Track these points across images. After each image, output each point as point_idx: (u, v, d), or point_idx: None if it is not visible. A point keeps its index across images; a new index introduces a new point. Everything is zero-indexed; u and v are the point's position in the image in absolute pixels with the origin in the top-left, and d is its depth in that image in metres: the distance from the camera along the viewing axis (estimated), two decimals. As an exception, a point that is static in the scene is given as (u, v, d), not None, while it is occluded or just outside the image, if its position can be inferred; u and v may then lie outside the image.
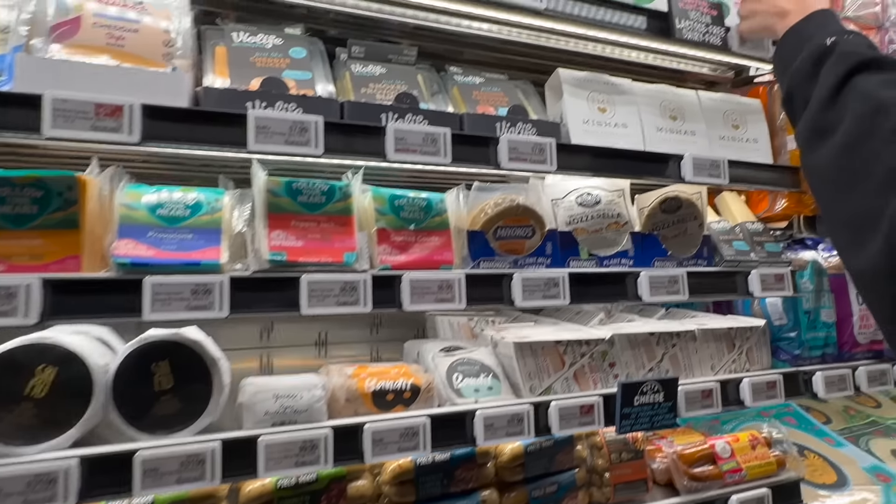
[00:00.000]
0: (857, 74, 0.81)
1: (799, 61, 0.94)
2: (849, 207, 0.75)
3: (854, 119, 0.77)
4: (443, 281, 1.10)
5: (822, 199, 0.83)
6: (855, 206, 0.73)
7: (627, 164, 1.31)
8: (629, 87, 1.44)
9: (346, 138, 1.04)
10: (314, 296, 1.00)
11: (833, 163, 0.79)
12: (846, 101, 0.81)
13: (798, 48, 1.00)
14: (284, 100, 1.04)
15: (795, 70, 0.94)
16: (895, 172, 0.69)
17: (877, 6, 1.75)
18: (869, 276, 0.69)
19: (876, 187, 0.70)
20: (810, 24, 1.03)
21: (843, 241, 0.77)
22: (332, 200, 1.10)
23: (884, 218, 0.67)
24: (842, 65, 0.84)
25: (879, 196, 0.69)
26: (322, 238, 1.06)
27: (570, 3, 1.27)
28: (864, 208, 0.71)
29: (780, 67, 1.05)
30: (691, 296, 1.36)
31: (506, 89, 1.37)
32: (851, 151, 0.75)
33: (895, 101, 0.74)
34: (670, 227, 1.45)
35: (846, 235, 0.76)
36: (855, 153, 0.75)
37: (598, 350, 1.34)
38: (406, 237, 1.15)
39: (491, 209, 1.22)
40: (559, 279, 1.21)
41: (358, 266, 1.07)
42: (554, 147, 1.20)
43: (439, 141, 1.10)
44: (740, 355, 1.55)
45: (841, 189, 0.76)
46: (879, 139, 0.72)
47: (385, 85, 1.23)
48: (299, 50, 1.16)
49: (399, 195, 1.17)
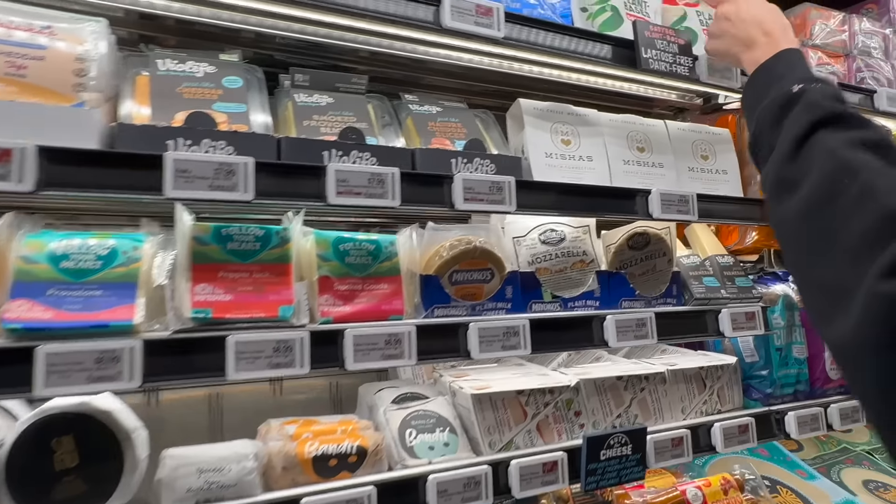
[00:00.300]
0: (821, 129, 0.77)
1: (767, 104, 0.89)
2: (820, 272, 0.70)
3: (820, 177, 0.73)
4: (391, 335, 1.00)
5: (791, 255, 0.78)
6: (827, 271, 0.69)
7: (592, 201, 1.23)
8: (595, 118, 1.37)
9: (281, 180, 0.94)
10: (243, 358, 0.89)
11: (801, 221, 0.74)
12: (810, 155, 0.76)
13: (766, 87, 0.95)
14: (212, 137, 0.93)
15: (762, 113, 0.90)
16: (867, 239, 0.63)
17: (844, 34, 1.72)
18: (849, 348, 0.62)
19: (848, 254, 0.65)
20: (780, 64, 0.99)
21: (817, 306, 0.71)
22: (267, 247, 0.99)
23: (859, 289, 0.61)
24: (806, 116, 0.80)
25: (854, 264, 0.64)
26: (255, 290, 0.96)
27: (532, 31, 1.20)
28: (837, 276, 0.66)
29: (749, 105, 1.00)
30: (660, 339, 1.29)
31: (464, 119, 1.28)
32: (819, 212, 0.71)
33: (861, 163, 0.70)
34: (638, 265, 1.38)
35: (820, 300, 0.70)
36: (823, 214, 0.71)
37: (562, 398, 1.26)
38: (352, 285, 1.05)
39: (446, 252, 1.12)
40: (519, 327, 1.12)
41: (295, 320, 0.97)
42: (513, 185, 1.11)
43: (387, 181, 1.00)
44: (711, 396, 1.49)
45: (812, 250, 0.72)
46: (848, 202, 0.68)
47: (331, 116, 1.13)
48: (234, 79, 1.06)
49: (345, 238, 1.07)
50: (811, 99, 0.82)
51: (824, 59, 1.70)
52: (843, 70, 1.73)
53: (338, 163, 1.00)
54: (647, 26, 1.29)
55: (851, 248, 0.65)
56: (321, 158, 1.01)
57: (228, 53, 1.12)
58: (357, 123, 1.14)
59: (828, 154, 0.74)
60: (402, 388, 1.34)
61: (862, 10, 1.91)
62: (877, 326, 0.57)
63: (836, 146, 0.73)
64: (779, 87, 0.89)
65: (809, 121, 0.78)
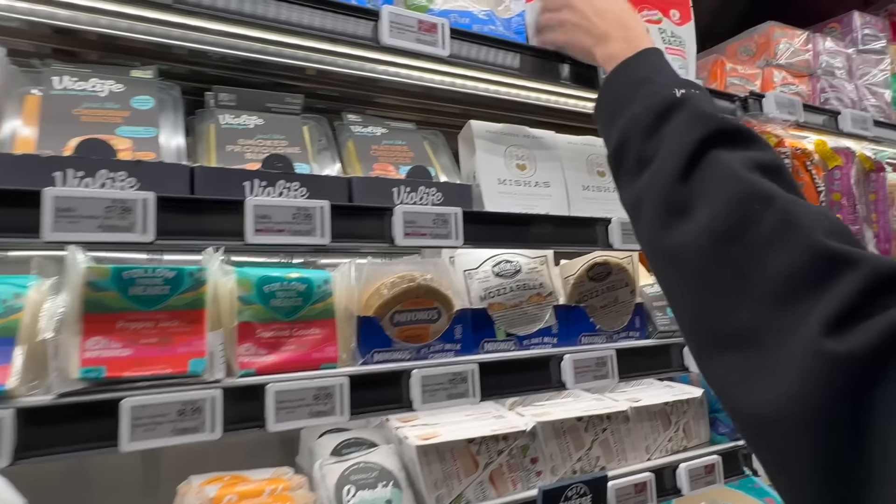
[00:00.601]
0: (715, 145, 0.65)
1: (637, 110, 0.75)
2: (730, 320, 0.55)
3: (724, 204, 0.59)
4: (320, 388, 0.89)
5: (686, 295, 0.62)
6: (739, 319, 0.54)
7: (547, 232, 1.14)
8: (552, 141, 1.29)
9: (189, 217, 0.83)
10: (140, 425, 0.77)
11: (702, 255, 0.60)
12: (706, 176, 0.63)
13: (631, 89, 0.81)
14: (110, 167, 0.81)
15: (631, 120, 0.75)
16: (795, 282, 0.51)
17: (808, 53, 1.68)
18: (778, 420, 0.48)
19: (770, 300, 0.52)
20: (643, 64, 0.86)
21: (724, 365, 0.56)
22: (178, 291, 0.87)
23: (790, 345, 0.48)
24: (696, 129, 0.67)
25: (778, 313, 0.51)
26: (161, 342, 0.84)
27: (482, 49, 1.10)
28: (754, 326, 0.53)
29: (608, 109, 0.85)
30: (622, 377, 1.20)
31: (411, 142, 1.18)
32: (726, 246, 0.58)
33: (771, 189, 0.58)
34: (599, 296, 1.30)
35: (729, 358, 0.55)
36: (731, 249, 0.57)
37: (517, 445, 1.16)
38: (278, 331, 0.94)
39: (387, 290, 1.02)
40: (467, 373, 1.02)
41: (208, 375, 0.85)
42: (460, 217, 1.02)
43: (315, 216, 0.90)
44: (676, 432, 1.41)
45: (719, 292, 0.57)
46: (763, 236, 0.55)
47: (260, 140, 1.02)
48: (144, 99, 0.94)
49: (271, 277, 0.96)
50: (697, 109, 0.69)
51: (788, 78, 1.65)
52: (807, 90, 1.69)
53: (258, 196, 0.89)
54: (605, 45, 1.21)
55: (773, 293, 0.52)
56: (242, 190, 0.90)
57: (142, 69, 1.00)
58: (288, 148, 1.03)
59: (731, 177, 0.61)
60: (345, 434, 1.23)
61: (825, 28, 1.88)
62: (822, 394, 0.45)
63: (738, 167, 0.61)
64: (651, 92, 0.76)
65: (702, 134, 0.65)
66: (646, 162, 0.71)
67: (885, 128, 1.76)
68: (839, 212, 1.64)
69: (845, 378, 0.44)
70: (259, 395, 0.86)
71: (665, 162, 0.67)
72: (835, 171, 1.65)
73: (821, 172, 1.62)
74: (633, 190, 0.73)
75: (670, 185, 0.65)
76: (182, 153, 0.93)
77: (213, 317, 0.91)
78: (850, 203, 1.65)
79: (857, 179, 1.69)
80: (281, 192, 0.93)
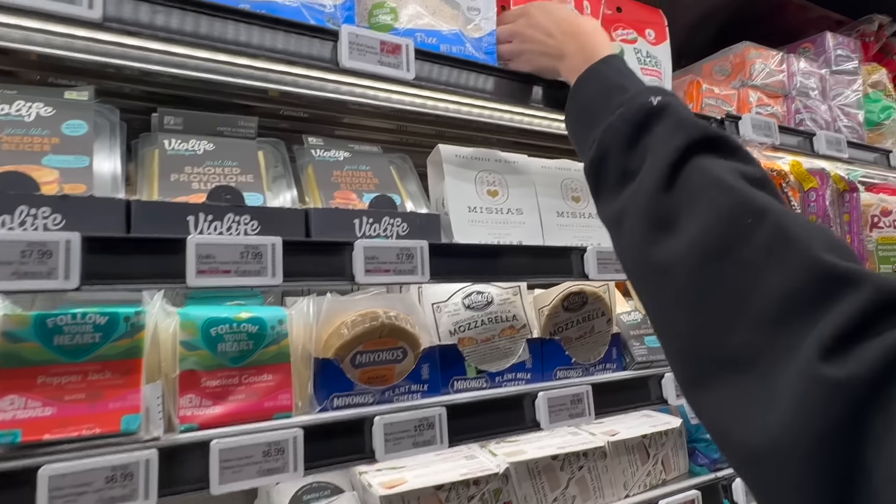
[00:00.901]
0: (699, 153, 0.60)
1: (614, 120, 0.70)
2: (723, 342, 0.50)
3: (713, 215, 0.54)
4: (270, 444, 0.81)
5: (672, 313, 0.57)
6: (733, 341, 0.49)
7: (520, 263, 1.08)
8: (525, 165, 1.24)
9: (122, 259, 0.74)
10: (60, 496, 0.68)
11: (692, 271, 0.54)
12: (691, 185, 0.58)
13: (601, 98, 0.77)
14: (31, 203, 0.72)
15: (609, 131, 0.70)
16: (792, 301, 0.46)
17: (782, 74, 1.67)
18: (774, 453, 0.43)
19: (765, 320, 0.47)
20: (607, 71, 0.82)
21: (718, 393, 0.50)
22: (111, 338, 0.79)
23: (787, 370, 0.44)
24: (679, 136, 0.62)
25: (774, 334, 0.46)
26: (89, 398, 0.75)
27: (450, 71, 1.05)
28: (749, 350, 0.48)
29: (581, 118, 0.80)
30: (599, 413, 1.15)
31: (376, 167, 1.12)
32: (717, 261, 0.52)
33: (763, 201, 0.53)
34: (575, 327, 1.25)
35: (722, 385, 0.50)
36: (723, 264, 0.52)
37: (489, 489, 1.10)
38: (225, 379, 0.86)
39: (347, 330, 0.95)
40: (434, 418, 0.95)
41: (143, 433, 0.77)
42: (426, 251, 0.95)
43: (265, 255, 0.82)
44: (655, 465, 1.36)
45: (711, 313, 0.52)
46: (756, 251, 0.50)
47: (209, 168, 0.94)
48: (77, 124, 0.86)
49: (219, 319, 0.88)
50: (678, 116, 0.64)
51: (764, 99, 1.63)
52: (782, 111, 1.67)
53: (204, 233, 0.81)
54: (579, 67, 1.16)
55: (769, 314, 0.47)
56: (186, 226, 0.82)
57: (77, 91, 0.91)
58: (241, 176, 0.96)
59: (718, 186, 0.56)
60: (305, 480, 1.14)
61: (799, 49, 1.87)
62: (819, 423, 0.41)
63: (726, 176, 0.56)
64: (624, 100, 0.71)
65: (685, 142, 0.61)
66: (628, 175, 0.66)
67: (859, 149, 1.76)
68: (815, 234, 1.62)
69: (843, 405, 0.40)
70: (202, 454, 0.78)
71: (650, 172, 0.62)
72: (810, 193, 1.63)
73: (797, 194, 1.60)
74: (615, 204, 0.68)
75: (655, 197, 0.59)
76: (119, 184, 0.85)
77: (152, 365, 0.82)
78: (826, 225, 1.64)
79: (832, 200, 1.67)
80: (230, 226, 0.85)
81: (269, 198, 0.96)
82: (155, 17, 0.80)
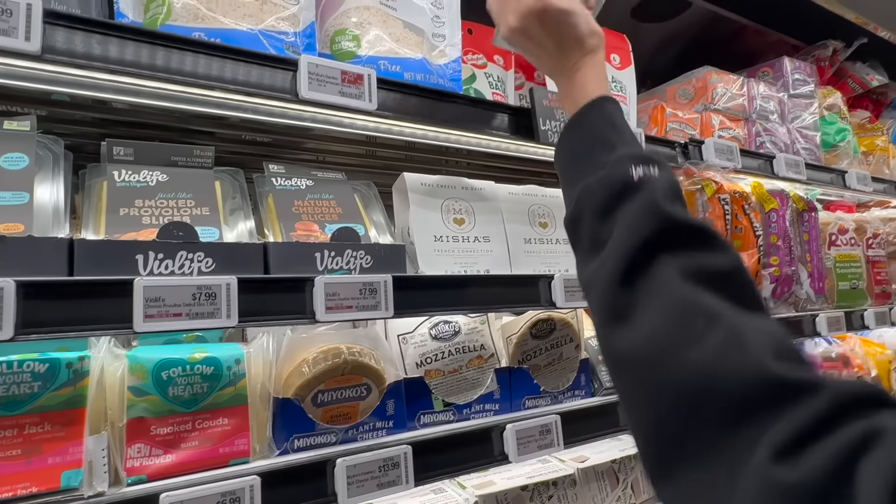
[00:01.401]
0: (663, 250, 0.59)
1: (593, 183, 0.69)
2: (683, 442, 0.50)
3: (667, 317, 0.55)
4: (224, 494, 0.77)
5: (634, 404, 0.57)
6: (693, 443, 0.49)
7: (487, 293, 1.07)
8: (492, 192, 1.23)
9: (62, 305, 0.70)
10: (-10, 565, 0.63)
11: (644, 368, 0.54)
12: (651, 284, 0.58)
13: (588, 148, 0.75)
14: (-38, 246, 0.68)
15: (586, 192, 0.69)
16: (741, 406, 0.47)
17: (743, 98, 1.70)
18: None
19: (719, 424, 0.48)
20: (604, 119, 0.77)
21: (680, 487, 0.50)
22: (51, 388, 0.74)
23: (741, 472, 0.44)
24: (645, 227, 0.61)
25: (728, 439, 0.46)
26: (26, 453, 0.70)
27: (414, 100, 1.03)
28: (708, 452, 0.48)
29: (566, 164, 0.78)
30: (568, 443, 1.14)
31: (339, 196, 1.09)
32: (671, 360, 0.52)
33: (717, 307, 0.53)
34: (543, 354, 1.24)
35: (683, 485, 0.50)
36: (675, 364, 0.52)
37: (458, 525, 1.07)
38: (177, 426, 0.81)
39: (308, 368, 0.92)
40: (399, 457, 0.92)
41: (86, 489, 0.72)
42: (390, 286, 0.93)
43: (219, 295, 0.78)
44: (625, 490, 1.36)
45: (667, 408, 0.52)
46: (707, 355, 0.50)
47: (161, 201, 0.90)
48: (16, 157, 0.81)
49: (170, 361, 0.83)
50: (650, 200, 0.63)
51: (726, 122, 1.66)
52: (743, 134, 1.71)
53: (154, 274, 0.77)
54: (545, 94, 1.16)
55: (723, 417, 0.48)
56: (134, 265, 0.78)
57: (17, 121, 0.86)
58: (196, 208, 0.92)
59: (673, 287, 0.56)
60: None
61: (758, 72, 1.92)
62: None
63: (683, 277, 0.56)
64: (607, 161, 0.69)
65: (649, 235, 0.60)
66: (597, 245, 0.66)
67: (816, 170, 1.81)
68: (776, 254, 1.65)
69: None
70: (150, 508, 0.73)
71: (610, 259, 0.61)
72: (771, 214, 1.67)
73: (759, 216, 1.63)
74: (586, 272, 0.67)
75: (614, 288, 0.59)
76: (63, 220, 0.80)
77: (97, 413, 0.78)
78: (787, 245, 1.67)
79: (792, 220, 1.71)
80: (182, 264, 0.81)
81: (226, 231, 0.92)
82: (100, 47, 0.76)
